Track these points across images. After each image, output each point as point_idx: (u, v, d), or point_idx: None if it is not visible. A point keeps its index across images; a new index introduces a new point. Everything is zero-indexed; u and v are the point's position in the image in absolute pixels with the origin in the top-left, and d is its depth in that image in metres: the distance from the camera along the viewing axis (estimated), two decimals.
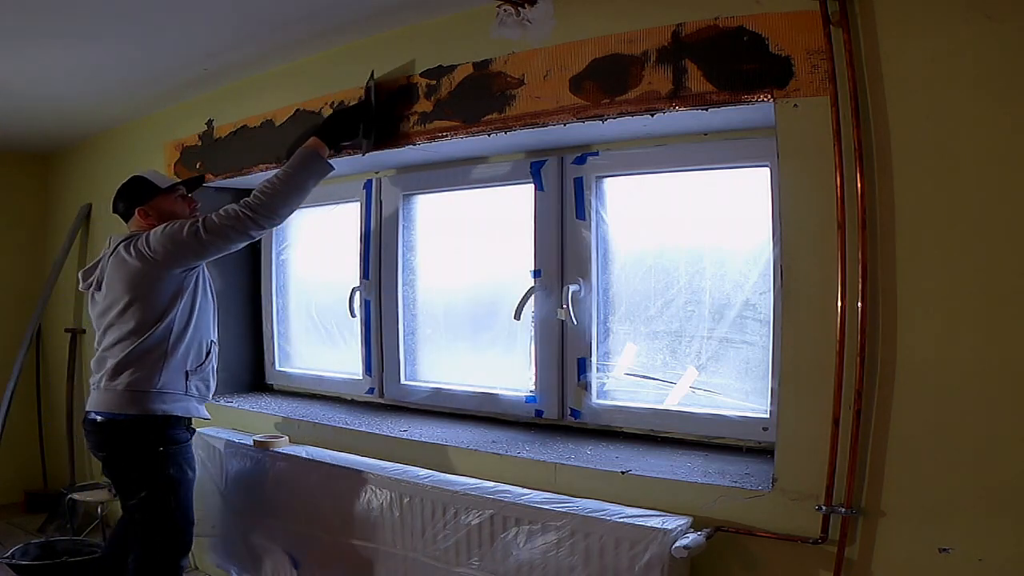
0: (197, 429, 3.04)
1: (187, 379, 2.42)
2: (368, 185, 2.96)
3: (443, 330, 2.86)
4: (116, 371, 2.34)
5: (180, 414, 2.39)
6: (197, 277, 2.45)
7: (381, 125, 2.46)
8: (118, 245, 2.40)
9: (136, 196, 2.47)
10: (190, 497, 2.44)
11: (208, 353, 2.52)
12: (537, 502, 1.99)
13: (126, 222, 2.52)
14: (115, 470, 2.42)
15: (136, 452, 2.36)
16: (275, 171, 2.34)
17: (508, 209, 2.61)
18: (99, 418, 2.37)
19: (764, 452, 2.04)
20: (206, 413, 2.53)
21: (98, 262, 2.47)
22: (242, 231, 2.31)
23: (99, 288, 2.44)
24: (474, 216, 2.76)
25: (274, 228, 2.45)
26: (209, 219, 2.30)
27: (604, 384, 2.40)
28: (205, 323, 2.50)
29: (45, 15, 2.31)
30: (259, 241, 3.47)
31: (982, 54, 1.55)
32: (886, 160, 1.64)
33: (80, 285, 2.52)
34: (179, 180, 2.58)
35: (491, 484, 2.13)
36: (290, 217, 2.40)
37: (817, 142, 1.71)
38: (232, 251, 2.40)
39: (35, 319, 4.18)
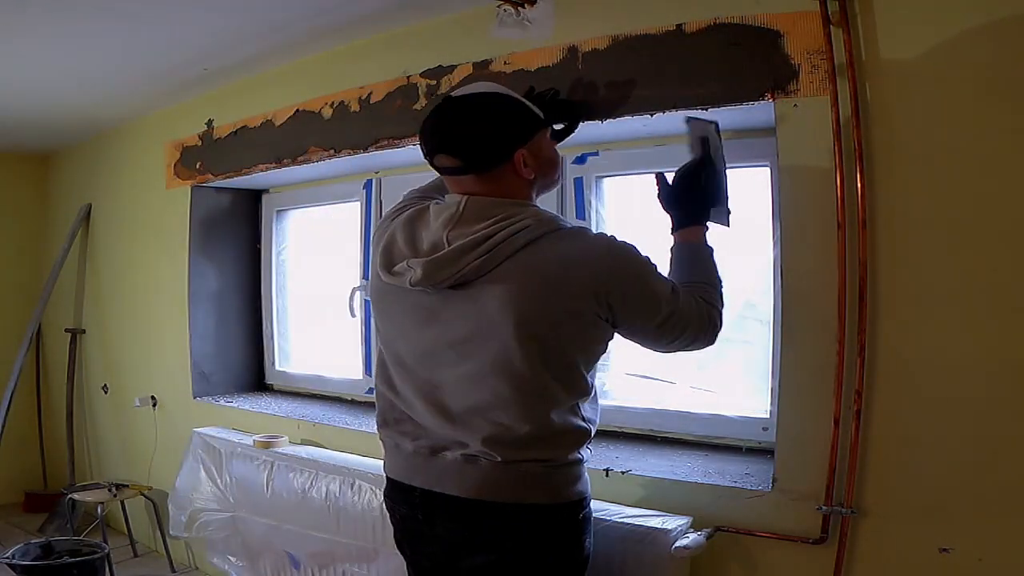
0: (197, 429, 3.05)
1: (590, 439, 1.57)
2: (368, 185, 2.96)
3: None
4: (515, 443, 1.43)
5: (589, 493, 1.56)
6: None
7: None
8: (518, 231, 1.40)
9: (516, 130, 1.46)
10: None
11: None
12: None
13: (460, 174, 1.47)
14: (511, 564, 1.49)
15: (548, 538, 1.49)
16: (692, 283, 1.56)
17: None
18: (482, 503, 1.47)
19: (764, 452, 2.04)
20: None
21: (474, 244, 1.40)
22: (700, 343, 1.55)
23: (457, 285, 1.43)
24: None
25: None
26: (688, 319, 1.50)
27: (604, 384, 2.40)
28: None
29: (45, 15, 2.31)
30: (259, 240, 3.49)
31: (982, 54, 1.55)
32: (886, 160, 1.64)
33: (414, 276, 1.44)
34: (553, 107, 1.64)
35: None
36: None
37: (817, 142, 1.71)
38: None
39: (35, 319, 4.18)
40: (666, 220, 1.70)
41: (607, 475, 2.00)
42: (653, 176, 1.74)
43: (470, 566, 1.51)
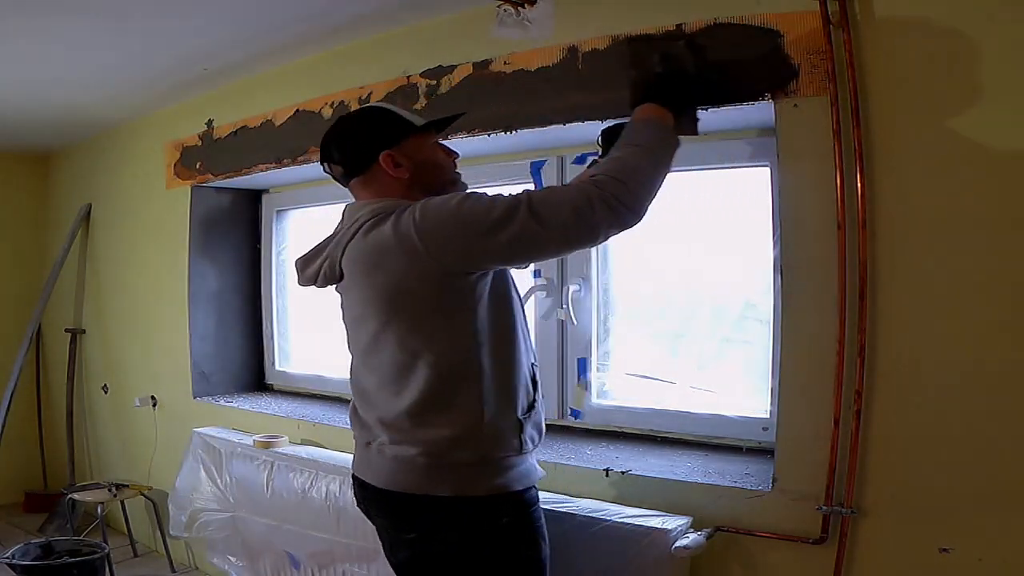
0: (197, 429, 3.05)
1: (521, 430, 1.53)
2: None
3: None
4: (402, 429, 1.50)
5: (519, 486, 1.52)
6: (504, 270, 1.56)
7: (707, 90, 1.76)
8: (360, 224, 1.52)
9: (379, 135, 1.57)
10: None
11: (535, 383, 1.60)
12: None
13: (348, 181, 1.63)
14: (429, 557, 1.53)
15: (464, 536, 1.50)
16: (611, 154, 1.50)
17: None
18: (385, 491, 1.54)
19: (764, 452, 2.03)
20: (542, 471, 1.62)
21: (324, 244, 1.62)
22: (594, 228, 1.40)
23: (335, 282, 1.61)
24: None
25: (627, 229, 1.45)
26: (539, 200, 1.40)
27: (604, 384, 2.40)
28: (524, 338, 1.59)
29: (45, 15, 2.31)
30: (259, 240, 3.49)
31: (982, 54, 1.55)
32: (886, 160, 1.64)
33: (298, 279, 1.69)
34: (435, 120, 1.65)
35: None
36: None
37: (817, 142, 1.71)
38: (557, 256, 1.55)
39: (35, 319, 4.18)
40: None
41: (607, 475, 2.00)
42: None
43: (397, 561, 1.62)
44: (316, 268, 1.61)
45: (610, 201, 1.38)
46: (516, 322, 1.56)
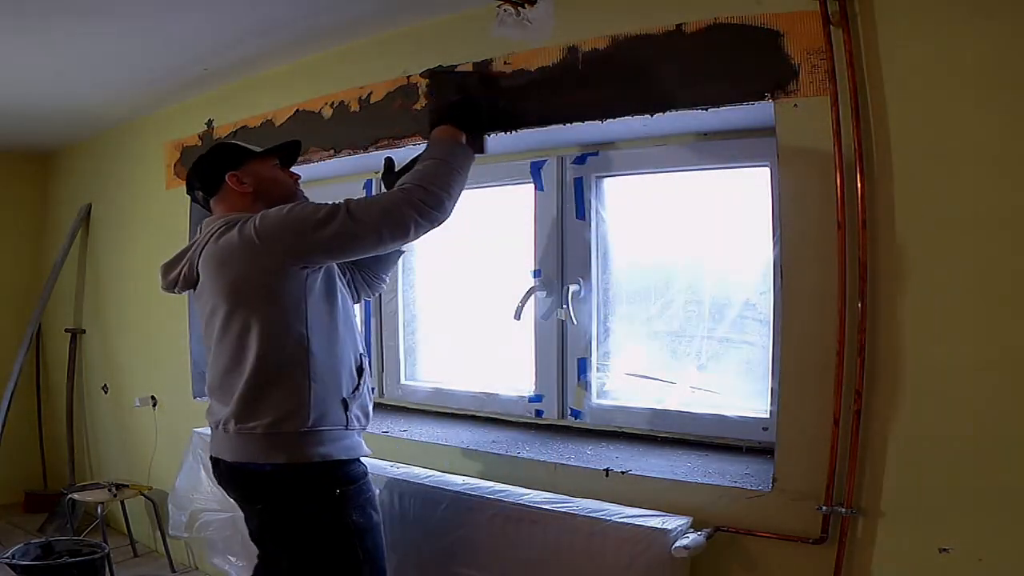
0: (197, 429, 3.05)
1: (346, 409, 1.84)
2: (368, 185, 2.96)
3: (443, 330, 2.87)
4: (244, 406, 1.77)
5: (344, 456, 1.82)
6: (330, 270, 1.87)
7: (495, 117, 2.16)
8: (213, 232, 1.82)
9: (223, 161, 1.93)
10: (381, 548, 1.86)
11: (361, 371, 1.92)
12: (537, 502, 1.99)
13: (209, 203, 1.97)
14: (272, 524, 1.86)
15: (301, 503, 1.79)
16: (415, 168, 1.84)
17: (508, 209, 2.61)
18: (235, 465, 1.82)
19: (764, 452, 2.04)
20: (368, 449, 1.92)
21: (184, 252, 1.90)
22: (404, 225, 1.72)
23: (191, 286, 1.89)
24: (473, 216, 2.76)
25: (436, 227, 1.80)
26: (356, 204, 1.74)
27: (604, 384, 2.40)
28: (351, 331, 1.92)
29: (44, 15, 2.31)
30: None
31: (982, 54, 1.55)
32: (886, 160, 1.64)
33: (161, 283, 1.96)
34: (271, 147, 2.02)
35: (491, 484, 2.13)
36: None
37: (817, 142, 1.71)
38: (375, 254, 1.88)
39: (35, 319, 4.18)
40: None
41: (607, 475, 2.00)
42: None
43: (250, 529, 1.92)
44: (177, 273, 1.89)
45: (415, 203, 1.73)
46: (340, 317, 1.86)
